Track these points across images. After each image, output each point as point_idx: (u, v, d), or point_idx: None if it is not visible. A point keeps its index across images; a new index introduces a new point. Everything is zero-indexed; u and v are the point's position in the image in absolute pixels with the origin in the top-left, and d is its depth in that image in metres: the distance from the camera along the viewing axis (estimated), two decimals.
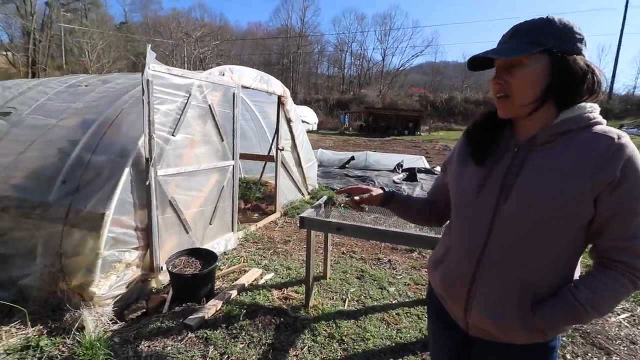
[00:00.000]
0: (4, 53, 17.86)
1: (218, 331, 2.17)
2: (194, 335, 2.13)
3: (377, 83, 40.48)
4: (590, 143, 0.76)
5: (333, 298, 2.69)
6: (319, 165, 9.44)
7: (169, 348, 2.01)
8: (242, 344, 2.09)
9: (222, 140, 3.22)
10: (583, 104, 0.80)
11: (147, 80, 2.32)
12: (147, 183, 2.45)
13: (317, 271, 3.11)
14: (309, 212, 2.41)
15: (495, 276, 0.85)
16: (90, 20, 21.94)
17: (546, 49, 0.77)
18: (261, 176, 5.23)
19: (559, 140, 0.80)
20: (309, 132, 25.21)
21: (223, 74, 3.19)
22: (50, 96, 3.58)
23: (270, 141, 5.00)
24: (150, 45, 2.39)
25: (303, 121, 24.79)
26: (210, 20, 41.06)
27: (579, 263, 0.85)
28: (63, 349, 1.92)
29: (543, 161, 0.80)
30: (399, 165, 8.76)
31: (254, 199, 5.12)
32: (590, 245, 0.84)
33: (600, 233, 0.78)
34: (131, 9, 41.11)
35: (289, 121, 4.79)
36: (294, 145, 5.12)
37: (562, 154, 0.78)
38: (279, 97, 4.40)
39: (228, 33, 38.89)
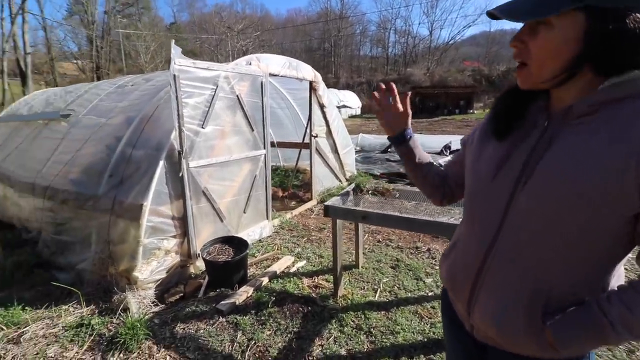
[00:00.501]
0: (75, 61, 20.19)
1: (247, 317, 2.23)
2: (224, 320, 2.21)
3: (424, 60, 38.15)
4: (637, 115, 0.58)
5: (364, 288, 2.62)
6: (359, 151, 9.29)
7: (202, 331, 2.11)
8: (269, 330, 2.13)
9: (252, 129, 3.24)
10: None
11: (174, 75, 2.39)
12: (180, 175, 2.56)
13: (350, 260, 3.05)
14: (334, 200, 2.34)
15: (503, 275, 0.72)
16: (144, 23, 23.70)
17: (583, 4, 0.57)
18: (296, 164, 5.24)
19: (603, 112, 0.61)
20: (352, 116, 24.91)
21: (250, 63, 3.18)
22: (102, 97, 3.90)
23: (305, 127, 4.95)
24: (176, 44, 2.44)
25: (345, 106, 24.54)
26: (251, 12, 41.91)
27: (619, 270, 0.67)
28: (110, 327, 2.11)
29: (576, 138, 0.63)
30: (447, 147, 8.20)
31: (290, 187, 5.16)
32: (638, 249, 0.66)
33: None
34: (179, 9, 43.58)
35: (322, 107, 4.69)
36: (329, 132, 5.03)
37: (601, 129, 0.60)
38: (310, 83, 4.31)
39: (269, 23, 39.38)
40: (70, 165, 3.13)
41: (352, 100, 26.67)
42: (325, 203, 2.26)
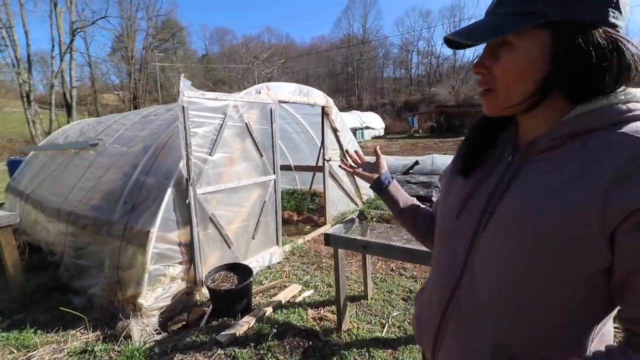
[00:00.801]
0: (116, 92, 22.14)
1: (246, 350, 2.17)
2: (222, 352, 2.16)
3: (448, 79, 37.86)
4: (608, 148, 0.50)
5: (371, 322, 2.48)
6: None
7: None
8: None
9: (262, 155, 3.29)
10: (617, 92, 0.54)
11: (182, 107, 2.50)
12: (187, 201, 2.62)
13: (359, 290, 2.93)
14: (336, 228, 2.28)
15: (463, 328, 0.64)
16: (178, 56, 25.71)
17: (546, 21, 0.51)
18: (310, 187, 5.24)
19: (570, 146, 0.54)
20: (375, 137, 24.90)
21: (259, 92, 3.28)
22: (127, 127, 4.15)
23: (318, 151, 4.97)
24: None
25: (368, 127, 24.65)
26: (277, 41, 44.02)
27: (602, 331, 0.57)
28: (112, 354, 2.13)
29: (538, 175, 0.56)
30: None
31: (305, 211, 5.14)
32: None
33: (621, 292, 0.50)
34: (210, 42, 46.73)
35: (335, 131, 4.71)
36: (343, 155, 5.00)
37: (566, 165, 0.53)
38: (322, 108, 4.36)
39: (293, 50, 41.05)
40: (92, 192, 3.31)
41: (375, 122, 26.77)
42: (326, 231, 2.20)
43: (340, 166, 1.15)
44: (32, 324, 2.39)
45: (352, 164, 1.13)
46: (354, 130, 22.66)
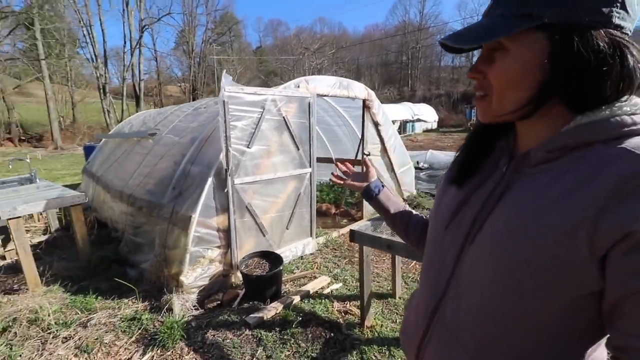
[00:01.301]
0: (178, 84, 24.12)
1: (271, 333, 2.29)
2: (250, 333, 2.31)
3: None
4: (605, 164, 0.46)
5: (396, 321, 2.46)
6: (427, 168, 8.82)
7: (228, 341, 2.24)
8: (288, 351, 2.15)
9: (298, 149, 3.37)
10: (622, 102, 0.49)
11: (223, 102, 2.65)
12: (226, 190, 2.80)
13: (388, 288, 2.90)
14: (363, 225, 2.28)
15: (444, 342, 0.63)
16: (234, 49, 26.95)
17: (541, 23, 0.48)
18: None
19: (567, 159, 0.51)
20: (427, 130, 23.86)
21: (298, 86, 3.34)
22: (181, 118, 4.50)
23: (358, 145, 4.93)
24: (225, 71, 2.71)
25: (420, 119, 23.61)
26: (329, 31, 43.74)
27: (592, 356, 0.53)
28: (156, 324, 2.39)
29: (531, 189, 0.53)
30: None
31: (342, 204, 5.16)
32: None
33: (610, 319, 0.47)
34: (264, 34, 48.09)
35: (376, 124, 4.63)
36: (384, 149, 4.91)
37: (559, 180, 0.50)
38: (364, 101, 4.30)
39: (345, 40, 40.50)
40: (148, 177, 3.68)
41: (428, 114, 25.54)
42: (352, 227, 2.21)
43: (330, 180, 1.16)
44: (94, 290, 2.77)
45: (341, 175, 1.12)
46: (404, 123, 21.86)
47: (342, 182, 1.10)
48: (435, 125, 26.10)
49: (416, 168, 8.03)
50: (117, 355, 2.14)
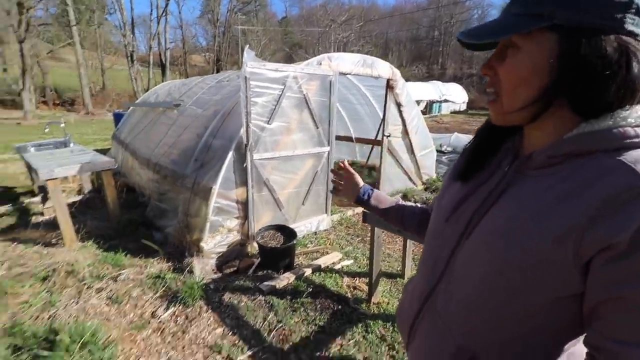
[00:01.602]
0: (203, 54, 24.13)
1: (283, 301, 2.45)
2: (263, 298, 2.47)
3: None
4: (601, 175, 0.48)
5: None
6: (451, 152, 8.61)
7: (242, 304, 2.41)
8: (297, 318, 2.30)
9: (317, 127, 3.40)
10: (626, 111, 0.50)
11: (245, 77, 2.69)
12: (245, 165, 2.90)
13: (397, 268, 2.99)
14: None
15: (433, 327, 0.69)
16: (259, 19, 26.42)
17: (552, 24, 0.49)
18: (367, 161, 5.23)
19: (568, 165, 0.53)
20: (455, 112, 22.89)
21: (320, 63, 3.31)
22: (204, 90, 4.59)
23: (379, 125, 4.88)
24: (247, 46, 2.72)
25: (447, 100, 22.66)
26: (358, 2, 41.80)
27: (570, 350, 0.58)
28: (178, 283, 2.59)
29: (528, 192, 0.56)
30: None
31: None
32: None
33: (589, 319, 0.51)
34: (290, 4, 46.59)
35: (399, 105, 4.55)
36: (405, 131, 4.84)
37: (557, 185, 0.52)
38: (387, 81, 4.21)
39: (374, 12, 38.72)
40: (172, 147, 3.84)
41: (457, 94, 24.42)
42: (364, 210, 2.26)
43: (331, 191, 1.15)
44: (123, 249, 3.01)
45: (339, 181, 1.12)
46: (431, 103, 21.10)
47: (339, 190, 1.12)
48: (464, 107, 25.05)
49: (439, 151, 7.87)
50: (143, 307, 2.36)
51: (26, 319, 2.16)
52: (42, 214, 3.90)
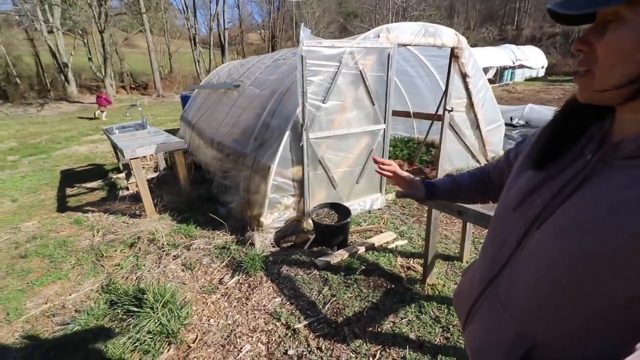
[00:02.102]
0: (258, 32, 24.48)
1: (336, 276, 2.53)
2: (318, 273, 2.58)
3: None
4: None
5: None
6: (524, 125, 7.80)
7: (299, 277, 2.55)
8: (351, 293, 2.36)
9: (374, 104, 3.29)
10: None
11: (301, 57, 2.67)
12: (301, 144, 2.96)
13: (455, 251, 2.87)
14: None
15: (492, 314, 0.68)
16: None
17: None
18: (426, 137, 4.97)
19: None
20: (531, 79, 20.55)
21: (378, 36, 3.15)
22: (261, 70, 4.69)
23: (440, 99, 4.56)
24: (302, 25, 2.69)
25: (523, 66, 20.19)
26: None
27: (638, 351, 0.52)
28: (241, 254, 2.82)
29: (612, 185, 0.51)
30: None
31: (416, 162, 4.99)
32: None
33: None
34: None
35: (464, 76, 4.18)
36: (470, 104, 4.47)
37: None
38: (452, 50, 3.87)
39: None
40: (234, 127, 4.05)
41: (535, 59, 21.48)
42: None
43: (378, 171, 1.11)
44: (194, 221, 3.34)
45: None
46: (502, 70, 18.97)
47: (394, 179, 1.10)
48: (542, 73, 22.07)
49: (508, 125, 7.15)
50: (212, 274, 2.63)
51: (119, 278, 2.55)
52: (127, 188, 4.47)
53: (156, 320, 2.04)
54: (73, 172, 5.65)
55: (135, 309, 2.12)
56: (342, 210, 3.07)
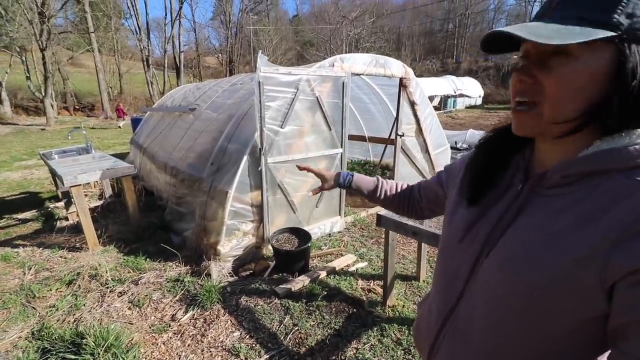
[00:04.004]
0: (216, 56, 24.59)
1: (298, 304, 2.47)
2: (279, 302, 2.50)
3: None
4: (619, 197, 0.48)
5: (417, 303, 2.53)
6: (466, 149, 8.48)
7: (259, 307, 2.45)
8: (313, 321, 2.31)
9: (330, 129, 3.39)
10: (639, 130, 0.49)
11: (259, 82, 2.71)
12: (259, 169, 2.93)
13: (412, 270, 2.96)
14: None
15: (454, 349, 0.68)
16: (271, 18, 26.66)
17: (616, 36, 0.46)
18: (380, 160, 5.19)
19: (583, 184, 0.52)
20: (470, 107, 22.54)
21: (333, 65, 3.30)
22: (218, 94, 4.65)
23: (392, 124, 4.83)
24: (260, 52, 2.74)
25: (463, 95, 22.24)
26: None
27: None
28: (196, 287, 2.65)
29: (543, 213, 0.55)
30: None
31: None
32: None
33: (614, 340, 0.50)
34: (301, 1, 46.56)
35: (412, 104, 4.48)
36: (419, 130, 4.77)
37: (573, 207, 0.52)
38: (400, 80, 4.16)
39: (386, 7, 38.22)
40: (189, 151, 3.91)
41: (473, 89, 23.93)
42: (379, 212, 2.26)
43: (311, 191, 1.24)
44: (143, 252, 3.10)
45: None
46: (445, 98, 20.74)
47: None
48: (479, 101, 24.54)
49: (453, 148, 7.74)
50: (163, 310, 2.43)
51: (53, 322, 2.26)
52: (66, 218, 4.06)
53: None
54: (2, 201, 5.02)
55: (73, 357, 1.88)
56: (302, 235, 3.05)
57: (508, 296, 0.56)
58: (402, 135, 4.38)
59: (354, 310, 2.41)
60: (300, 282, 2.68)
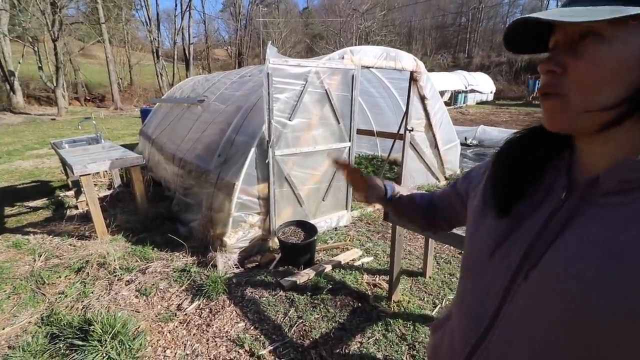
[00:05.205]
0: (225, 48, 24.56)
1: (303, 297, 2.47)
2: (284, 294, 2.50)
3: None
4: None
5: (424, 299, 2.51)
6: (477, 145, 8.35)
7: (264, 299, 2.45)
8: (317, 314, 2.31)
9: (339, 122, 3.36)
10: None
11: (268, 74, 2.68)
12: (267, 161, 2.92)
13: (419, 266, 2.93)
14: None
15: None
16: (281, 10, 26.48)
17: None
18: (389, 155, 5.13)
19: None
20: (481, 103, 22.15)
21: (343, 57, 3.26)
22: (227, 86, 4.64)
23: (401, 119, 4.77)
24: (270, 43, 2.71)
25: (474, 90, 21.85)
26: None
27: None
28: (202, 277, 2.67)
29: (600, 226, 0.46)
30: None
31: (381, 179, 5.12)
32: None
33: None
34: None
35: (423, 98, 4.41)
36: (429, 125, 4.71)
37: (633, 221, 0.43)
38: (411, 73, 4.09)
39: (397, 1, 37.58)
40: (197, 143, 3.92)
41: (485, 84, 23.44)
42: None
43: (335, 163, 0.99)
44: (150, 242, 3.13)
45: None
46: (456, 94, 20.42)
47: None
48: (491, 97, 24.07)
49: (463, 145, 7.63)
50: (169, 300, 2.45)
51: (62, 308, 2.30)
52: (76, 207, 4.12)
53: (104, 355, 1.84)
54: (14, 189, 5.12)
55: (80, 343, 1.91)
56: (308, 228, 3.04)
57: (558, 325, 0.47)
58: (412, 130, 4.32)
59: (359, 304, 2.40)
60: (305, 275, 2.68)
